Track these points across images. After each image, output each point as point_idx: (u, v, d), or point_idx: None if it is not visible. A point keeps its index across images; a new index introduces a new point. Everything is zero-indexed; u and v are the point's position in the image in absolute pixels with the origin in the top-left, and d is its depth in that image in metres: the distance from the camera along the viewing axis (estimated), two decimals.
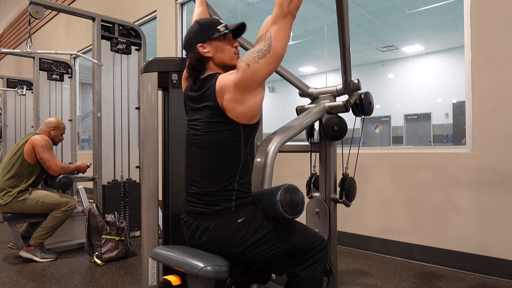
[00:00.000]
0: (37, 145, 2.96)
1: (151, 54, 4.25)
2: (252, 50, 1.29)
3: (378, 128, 9.81)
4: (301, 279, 1.37)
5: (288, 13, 1.26)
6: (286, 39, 1.28)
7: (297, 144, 2.14)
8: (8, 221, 2.95)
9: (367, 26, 7.15)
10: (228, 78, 1.32)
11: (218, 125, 1.32)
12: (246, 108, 1.30)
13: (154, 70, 1.98)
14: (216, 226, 1.32)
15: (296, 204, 1.33)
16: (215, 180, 1.33)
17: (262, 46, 1.27)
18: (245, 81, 1.27)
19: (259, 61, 1.26)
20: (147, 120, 1.96)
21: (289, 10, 1.26)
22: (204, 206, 1.34)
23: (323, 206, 1.93)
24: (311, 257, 1.39)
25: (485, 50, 2.53)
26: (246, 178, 1.38)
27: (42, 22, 9.12)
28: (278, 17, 1.26)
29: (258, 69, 1.26)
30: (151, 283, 1.95)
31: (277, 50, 1.26)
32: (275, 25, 1.27)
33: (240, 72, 1.28)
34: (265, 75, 1.29)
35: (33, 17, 3.10)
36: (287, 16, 1.26)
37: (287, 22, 1.27)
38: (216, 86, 1.33)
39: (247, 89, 1.28)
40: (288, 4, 1.25)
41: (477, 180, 2.57)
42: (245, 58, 1.28)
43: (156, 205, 1.99)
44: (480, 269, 2.56)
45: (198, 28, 1.47)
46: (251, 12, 6.39)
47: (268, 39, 1.26)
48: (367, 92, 1.87)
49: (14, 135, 6.60)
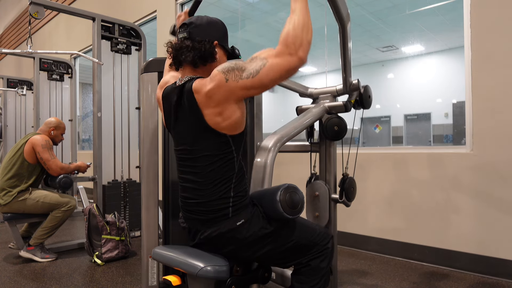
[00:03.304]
0: (37, 145, 2.96)
1: (151, 54, 4.24)
2: (238, 65, 1.20)
3: (378, 128, 9.80)
4: (307, 269, 1.38)
5: (296, 55, 1.14)
6: (279, 78, 1.17)
7: (297, 144, 2.14)
8: (8, 221, 2.95)
9: (367, 26, 7.15)
10: (202, 89, 1.24)
11: (206, 138, 1.28)
12: (228, 123, 1.26)
13: (154, 70, 1.98)
14: (216, 231, 1.31)
15: (296, 204, 1.33)
16: (210, 191, 1.30)
17: (250, 68, 1.18)
18: (217, 94, 1.21)
19: (239, 80, 1.18)
20: (147, 120, 1.97)
21: (299, 55, 1.14)
22: (201, 214, 1.33)
23: (323, 189, 1.92)
24: (315, 252, 1.39)
25: (485, 50, 2.53)
26: (242, 183, 1.35)
27: (42, 22, 9.12)
28: (283, 53, 1.15)
29: (235, 88, 1.20)
30: (151, 283, 1.95)
31: (262, 82, 1.17)
32: (276, 59, 1.16)
33: (215, 83, 1.21)
34: (240, 97, 1.23)
35: (33, 17, 3.10)
36: (293, 56, 1.14)
37: (291, 64, 1.15)
38: (197, 99, 1.25)
39: (220, 102, 1.22)
40: (297, 47, 1.14)
41: (477, 180, 2.57)
42: (226, 70, 1.20)
43: (156, 205, 1.99)
44: (480, 269, 2.56)
45: (221, 27, 1.42)
46: (251, 12, 6.38)
47: (260, 66, 1.17)
48: (367, 86, 1.87)
49: (14, 135, 6.60)
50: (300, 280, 1.39)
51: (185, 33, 1.36)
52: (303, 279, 1.38)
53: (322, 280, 1.38)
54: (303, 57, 1.14)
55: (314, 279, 1.37)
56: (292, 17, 1.17)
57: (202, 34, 1.34)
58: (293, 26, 1.15)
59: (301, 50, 1.14)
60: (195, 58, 1.33)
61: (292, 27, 1.15)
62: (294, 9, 1.18)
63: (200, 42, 1.33)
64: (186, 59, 1.34)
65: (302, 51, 1.14)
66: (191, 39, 1.34)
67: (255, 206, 1.36)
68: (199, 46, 1.32)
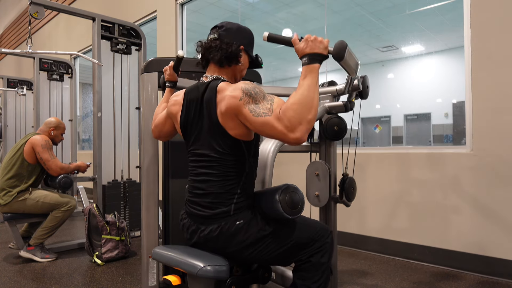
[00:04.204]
0: (37, 145, 2.96)
1: (151, 54, 4.25)
2: (255, 95, 1.24)
3: (378, 128, 9.80)
4: (308, 266, 1.38)
5: (292, 133, 1.14)
6: (270, 136, 1.21)
7: None
8: (8, 221, 2.95)
9: (367, 26, 7.15)
10: (223, 92, 1.31)
11: (221, 136, 1.33)
12: (234, 132, 1.31)
13: (154, 70, 1.98)
14: (214, 229, 1.32)
15: (296, 204, 1.33)
16: (220, 183, 1.34)
17: (259, 106, 1.22)
18: (228, 105, 1.27)
19: (246, 106, 1.23)
20: (147, 120, 1.97)
21: (295, 135, 1.14)
22: (204, 210, 1.35)
23: (323, 167, 1.92)
24: (315, 248, 1.39)
25: (485, 50, 2.53)
26: (249, 184, 1.40)
27: (42, 22, 9.12)
28: (281, 122, 1.16)
29: (242, 110, 1.24)
30: (151, 283, 1.95)
31: (255, 126, 1.22)
32: (275, 122, 1.17)
33: (232, 95, 1.26)
34: (241, 119, 1.27)
35: (33, 17, 3.10)
36: (289, 133, 1.15)
37: (285, 138, 1.16)
38: (217, 97, 1.32)
39: (227, 112, 1.28)
40: (295, 126, 1.14)
41: (477, 180, 2.57)
42: (246, 91, 1.25)
43: (156, 205, 1.99)
44: (480, 269, 2.56)
45: (249, 35, 1.50)
46: (251, 12, 6.38)
47: (263, 114, 1.20)
48: (365, 76, 1.85)
49: (14, 135, 6.60)
50: (301, 276, 1.39)
51: (215, 34, 1.44)
52: (305, 275, 1.38)
53: (323, 276, 1.39)
54: (299, 138, 1.14)
55: (316, 274, 1.38)
56: (298, 91, 1.18)
57: (230, 37, 1.43)
58: (296, 101, 1.16)
59: (298, 130, 1.13)
60: (222, 58, 1.41)
61: (294, 102, 1.16)
62: (301, 85, 1.19)
63: (228, 44, 1.41)
64: (214, 57, 1.42)
65: (300, 131, 1.14)
66: (220, 39, 1.42)
67: (255, 208, 1.37)
68: (226, 47, 1.40)
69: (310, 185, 1.96)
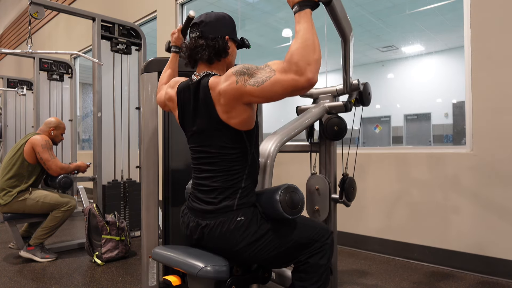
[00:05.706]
0: (37, 145, 2.96)
1: (151, 54, 4.25)
2: (249, 70, 1.21)
3: (378, 128, 9.80)
4: (306, 267, 1.38)
5: (304, 75, 1.08)
6: (283, 94, 1.15)
7: (297, 144, 2.14)
8: (8, 221, 2.95)
9: (367, 26, 7.15)
10: (216, 86, 1.28)
11: (221, 131, 1.32)
12: (237, 121, 1.29)
13: (154, 70, 1.98)
14: (215, 225, 1.32)
15: (296, 204, 1.33)
16: (224, 178, 1.34)
17: (258, 77, 1.18)
18: (227, 94, 1.24)
19: (246, 85, 1.19)
20: (147, 120, 1.97)
21: (307, 76, 1.08)
22: (207, 205, 1.35)
23: (323, 182, 1.92)
24: (314, 248, 1.39)
25: (485, 50, 2.53)
26: (253, 176, 1.40)
27: (42, 22, 9.12)
28: (289, 71, 1.11)
29: (243, 92, 1.21)
30: (151, 283, 1.96)
31: (265, 93, 1.17)
32: (282, 75, 1.13)
33: (227, 83, 1.24)
34: (247, 101, 1.25)
35: (33, 17, 3.10)
36: (300, 76, 1.09)
37: (298, 84, 1.10)
38: (211, 95, 1.30)
39: (229, 102, 1.26)
40: (305, 67, 1.08)
41: (476, 180, 2.57)
42: (239, 73, 1.22)
43: (156, 205, 1.99)
44: (480, 269, 2.56)
45: (229, 21, 1.45)
46: (251, 12, 6.38)
47: (267, 78, 1.16)
48: (366, 83, 1.87)
49: (14, 135, 6.60)
50: (300, 277, 1.39)
51: (197, 32, 1.40)
52: (303, 277, 1.38)
53: (322, 277, 1.38)
54: (311, 78, 1.08)
55: (314, 276, 1.37)
56: (297, 38, 1.13)
57: (213, 31, 1.38)
58: (299, 46, 1.10)
59: (308, 70, 1.08)
60: (211, 55, 1.38)
61: (297, 47, 1.10)
62: (298, 31, 1.14)
63: (213, 39, 1.37)
64: (202, 57, 1.38)
65: (310, 71, 1.08)
66: (204, 37, 1.38)
67: (256, 208, 1.37)
68: (213, 44, 1.37)
69: (310, 199, 1.97)
